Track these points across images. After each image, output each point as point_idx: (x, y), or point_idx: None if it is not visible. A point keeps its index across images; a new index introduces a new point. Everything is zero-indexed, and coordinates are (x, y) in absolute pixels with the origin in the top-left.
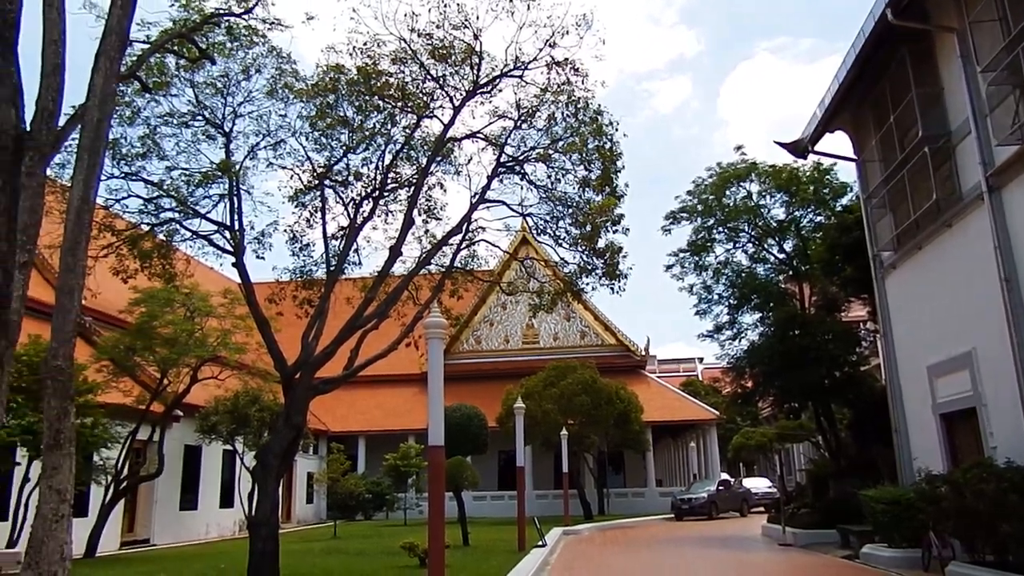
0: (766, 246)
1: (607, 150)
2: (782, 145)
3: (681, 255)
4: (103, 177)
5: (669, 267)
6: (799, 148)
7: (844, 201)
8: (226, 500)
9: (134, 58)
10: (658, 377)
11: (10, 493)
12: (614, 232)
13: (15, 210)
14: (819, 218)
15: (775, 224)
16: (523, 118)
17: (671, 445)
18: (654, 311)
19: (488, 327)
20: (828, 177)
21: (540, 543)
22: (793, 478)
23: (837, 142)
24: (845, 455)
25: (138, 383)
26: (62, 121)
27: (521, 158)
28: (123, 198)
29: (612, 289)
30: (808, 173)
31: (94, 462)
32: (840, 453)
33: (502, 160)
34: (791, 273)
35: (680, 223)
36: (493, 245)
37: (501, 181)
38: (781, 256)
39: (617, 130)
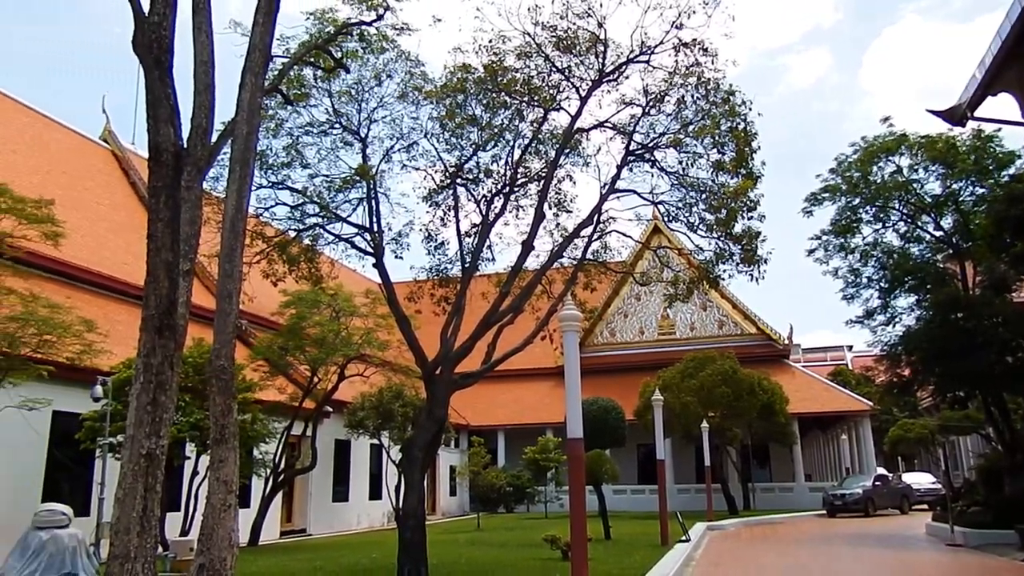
0: (920, 224)
1: (741, 131)
2: (936, 113)
3: (824, 238)
4: (253, 187)
5: (811, 251)
6: (956, 115)
7: (1011, 171)
8: (375, 492)
9: (275, 72)
10: (803, 367)
11: (182, 485)
12: (750, 217)
13: (177, 222)
14: (981, 191)
15: (930, 199)
16: (651, 104)
17: (820, 438)
18: (796, 298)
19: (622, 319)
20: (991, 145)
21: (684, 538)
22: (960, 473)
23: (1000, 106)
24: (1022, 448)
25: (291, 381)
26: (214, 137)
27: (650, 145)
28: (271, 206)
29: (751, 275)
30: (967, 142)
31: (254, 456)
32: (1016, 446)
33: (631, 148)
34: (951, 252)
35: (822, 204)
36: (624, 235)
37: (631, 170)
38: (938, 234)
39: (751, 109)
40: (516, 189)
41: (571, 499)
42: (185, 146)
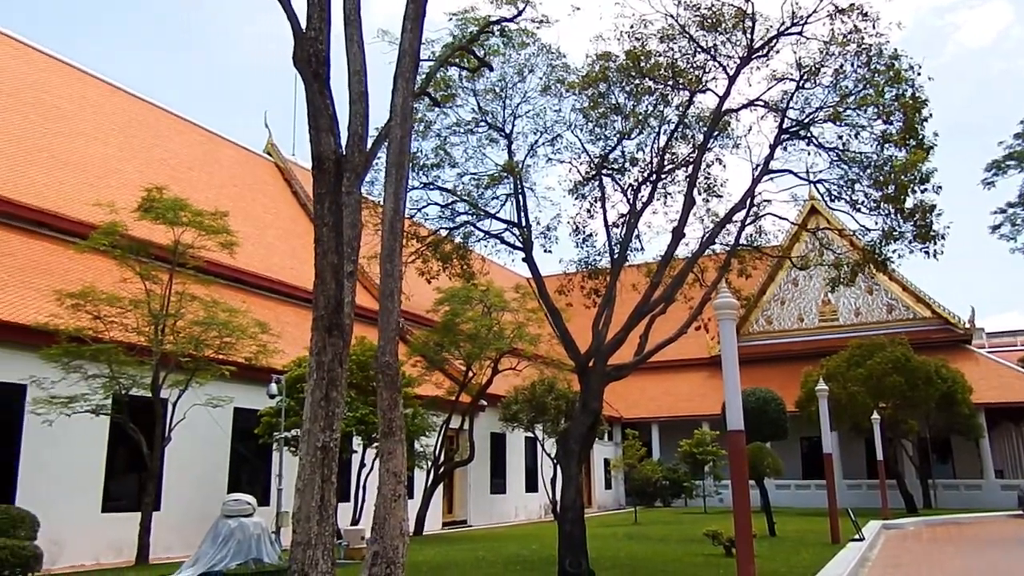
0: None
1: (908, 98)
2: None
3: (1011, 210)
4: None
5: (996, 227)
6: None
7: None
8: (531, 485)
9: (423, 76)
10: (989, 352)
11: (350, 477)
12: (923, 191)
13: (341, 226)
14: None
15: None
16: (805, 77)
17: (1013, 431)
18: (978, 278)
19: (779, 306)
20: None
21: (856, 536)
22: None
23: None
24: None
25: (447, 376)
26: (369, 142)
27: (806, 121)
28: (423, 207)
29: (927, 253)
30: None
31: (416, 449)
32: None
33: (785, 126)
34: None
35: (1006, 173)
36: (780, 218)
37: (785, 149)
38: None
39: (919, 74)
40: (663, 176)
41: (734, 493)
42: (344, 152)
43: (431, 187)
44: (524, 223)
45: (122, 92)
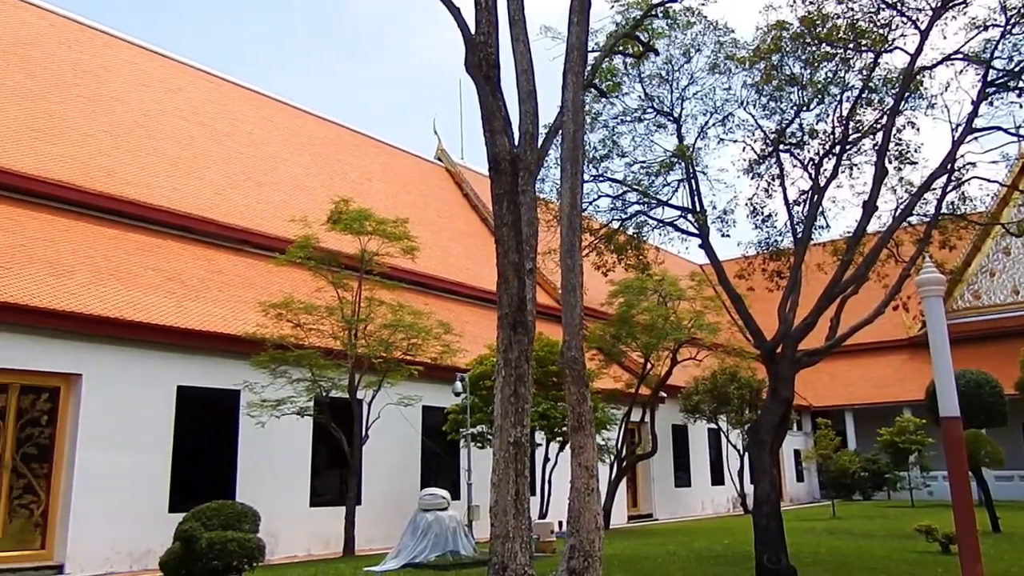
0: None
1: None
2: None
3: None
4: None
5: None
6: None
7: None
8: (716, 477)
9: (588, 68)
10: None
11: (535, 471)
12: None
13: (519, 225)
14: None
15: None
16: (1013, 21)
17: None
18: None
19: (988, 278)
20: None
21: None
22: None
23: None
24: None
25: (624, 369)
26: (539, 140)
27: (1016, 70)
28: (594, 199)
29: None
30: None
31: (597, 443)
32: None
33: (990, 78)
34: None
35: None
36: (987, 181)
37: (991, 103)
38: None
39: None
40: (848, 147)
41: (952, 485)
42: (517, 152)
43: (601, 179)
44: (699, 208)
45: (305, 114)
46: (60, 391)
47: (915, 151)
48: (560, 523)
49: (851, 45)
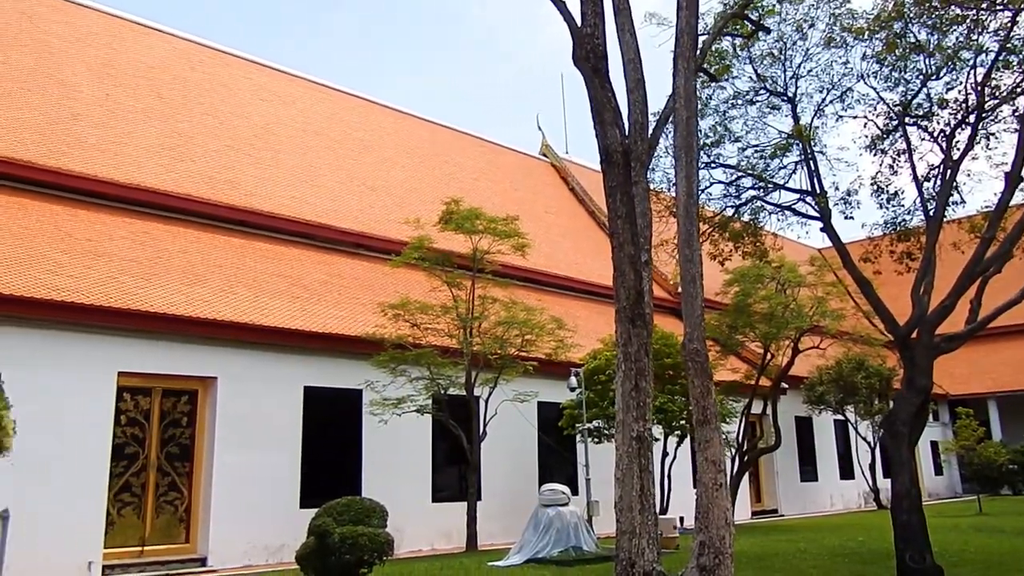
0: None
1: None
2: None
3: None
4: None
5: None
6: None
7: None
8: (845, 471)
9: (696, 52)
10: None
11: (653, 466)
12: None
13: (634, 217)
14: None
15: None
16: None
17: None
18: None
19: None
20: None
21: None
22: None
23: None
24: None
25: (742, 360)
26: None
27: None
28: (706, 187)
29: None
30: None
31: None
32: None
33: None
34: None
35: None
36: None
37: None
38: None
39: None
40: (984, 115)
41: None
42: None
43: (712, 166)
44: (819, 190)
45: (412, 117)
46: (198, 393)
47: None
48: (681, 519)
49: (984, 4)
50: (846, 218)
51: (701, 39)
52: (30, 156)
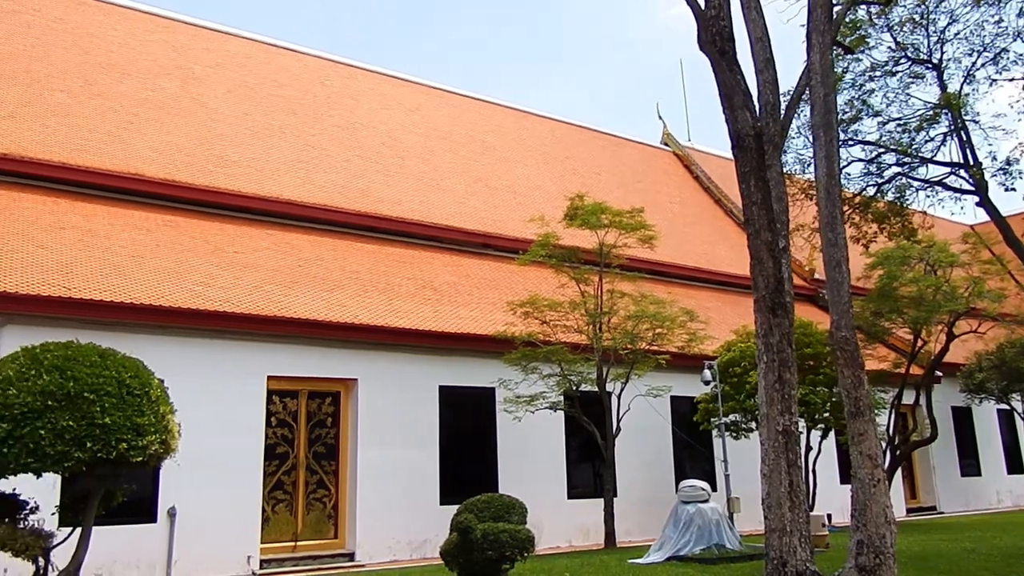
0: None
1: None
2: None
3: None
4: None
5: None
6: None
7: None
8: (1013, 465)
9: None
10: None
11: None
12: None
13: (770, 202)
14: None
15: None
16: None
17: None
18: None
19: None
20: None
21: None
22: None
23: None
24: None
25: (889, 348)
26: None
27: None
28: (844, 166)
29: None
30: None
31: None
32: None
33: None
34: None
35: None
36: None
37: None
38: None
39: None
40: None
41: None
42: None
43: (850, 143)
44: (972, 161)
45: (531, 115)
46: (340, 395)
47: None
48: (829, 516)
49: None
50: (1006, 190)
51: (835, 11)
52: (180, 176)
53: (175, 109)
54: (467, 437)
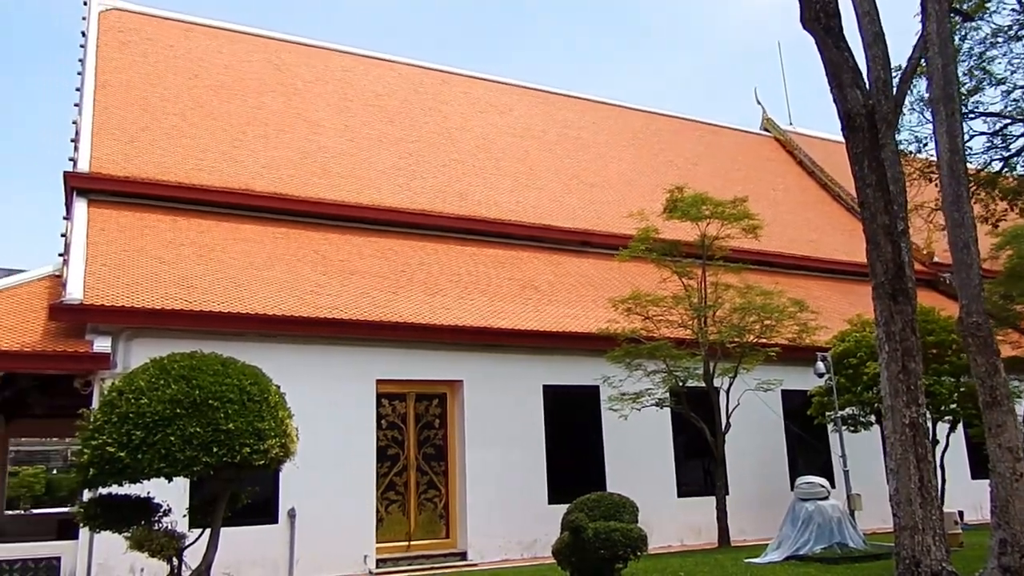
0: None
1: None
2: None
3: None
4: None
5: None
6: None
7: None
8: None
9: None
10: None
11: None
12: None
13: (886, 184)
14: None
15: None
16: None
17: None
18: None
19: None
20: None
21: None
22: None
23: None
24: None
25: (1022, 333)
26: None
27: None
28: (966, 141)
29: None
30: None
31: None
32: None
33: None
34: None
35: None
36: None
37: None
38: None
39: None
40: None
41: None
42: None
43: (970, 116)
44: None
45: (625, 109)
46: (446, 396)
47: None
48: (961, 513)
49: None
50: None
51: None
52: (287, 189)
53: (279, 125)
54: (573, 436)
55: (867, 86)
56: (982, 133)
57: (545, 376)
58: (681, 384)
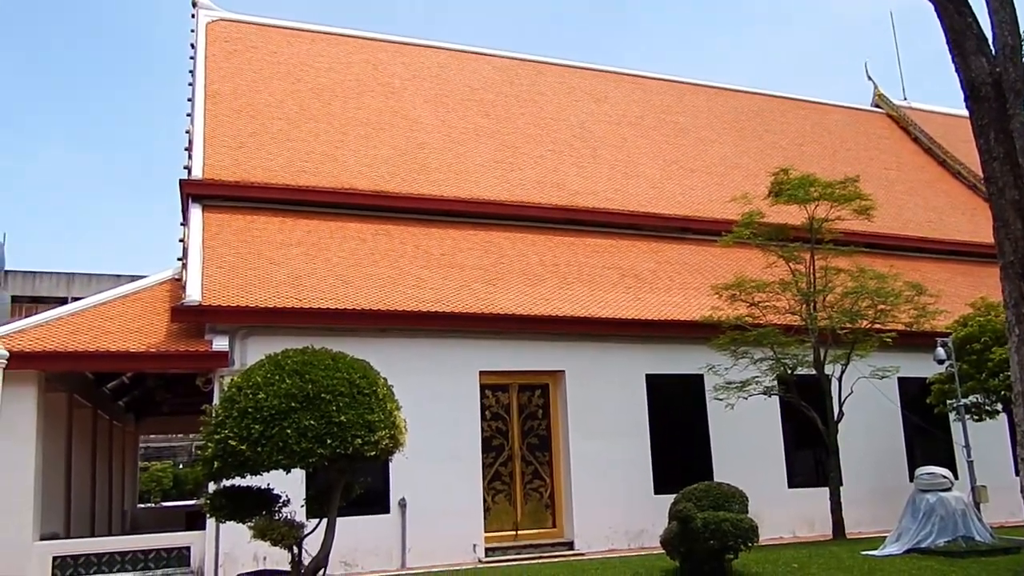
0: None
1: None
2: None
3: None
4: None
5: None
6: None
7: None
8: None
9: None
10: None
11: None
12: None
13: (1015, 157)
14: None
15: None
16: None
17: None
18: None
19: None
20: None
21: None
22: None
23: None
24: None
25: None
26: None
27: None
28: None
29: None
30: None
31: None
32: None
33: None
34: None
35: None
36: None
37: None
38: None
39: None
40: None
41: None
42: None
43: None
44: None
45: (725, 91)
46: (549, 387)
47: None
48: None
49: None
50: None
51: None
52: (387, 187)
53: (379, 124)
54: (677, 425)
55: (993, 53)
56: None
57: (648, 365)
58: (790, 372)
